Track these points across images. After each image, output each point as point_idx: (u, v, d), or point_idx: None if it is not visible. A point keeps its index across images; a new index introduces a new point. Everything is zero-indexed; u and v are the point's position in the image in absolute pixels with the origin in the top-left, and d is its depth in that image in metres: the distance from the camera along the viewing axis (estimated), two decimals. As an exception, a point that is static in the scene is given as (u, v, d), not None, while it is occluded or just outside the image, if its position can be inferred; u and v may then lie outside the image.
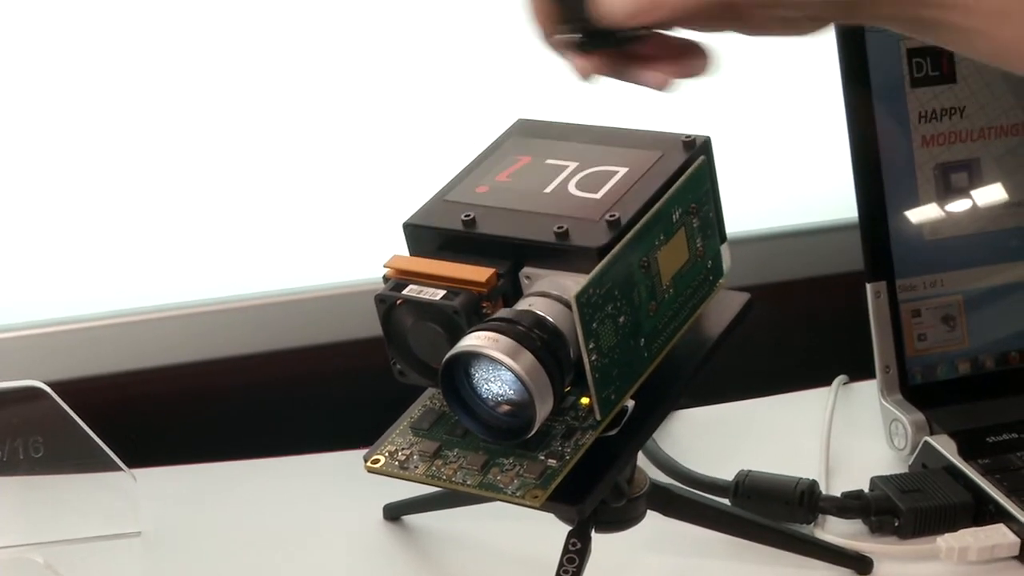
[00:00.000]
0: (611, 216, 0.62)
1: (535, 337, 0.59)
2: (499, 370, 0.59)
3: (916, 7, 0.58)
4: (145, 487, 0.79)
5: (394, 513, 0.80)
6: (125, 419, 0.86)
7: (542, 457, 0.62)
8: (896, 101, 0.84)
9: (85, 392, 0.84)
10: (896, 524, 0.76)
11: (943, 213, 0.85)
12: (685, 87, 0.61)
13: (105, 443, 0.77)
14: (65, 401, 0.77)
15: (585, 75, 0.61)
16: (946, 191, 0.85)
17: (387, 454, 0.64)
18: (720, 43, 0.61)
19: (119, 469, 0.77)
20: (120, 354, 0.90)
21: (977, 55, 0.60)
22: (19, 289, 0.91)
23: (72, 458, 0.77)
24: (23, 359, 0.89)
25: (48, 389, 0.77)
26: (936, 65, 0.85)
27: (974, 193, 0.86)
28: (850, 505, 0.77)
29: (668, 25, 0.59)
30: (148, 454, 0.82)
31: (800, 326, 0.98)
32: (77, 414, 0.77)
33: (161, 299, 0.92)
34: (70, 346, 0.90)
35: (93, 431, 0.77)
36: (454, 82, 0.93)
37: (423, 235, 0.64)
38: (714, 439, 0.87)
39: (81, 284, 0.91)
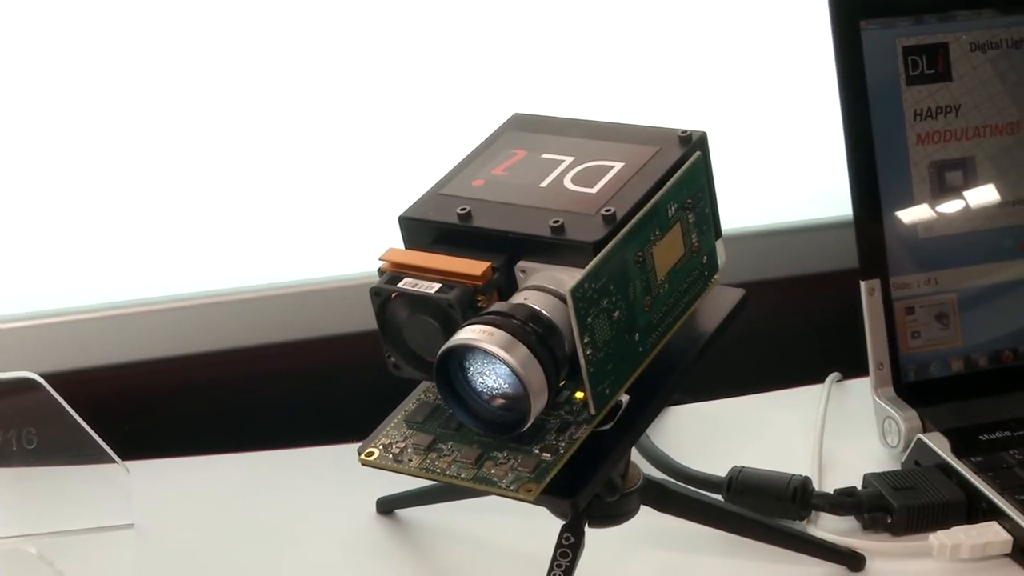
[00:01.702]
0: (607, 211, 0.62)
1: (530, 331, 0.59)
2: (494, 363, 0.59)
3: None
4: (138, 479, 0.79)
5: (387, 507, 0.80)
6: (118, 411, 0.86)
7: (536, 451, 0.62)
8: (891, 99, 0.84)
9: (79, 384, 0.84)
10: (889, 521, 0.76)
11: (937, 211, 0.85)
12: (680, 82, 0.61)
13: (98, 435, 0.77)
14: (59, 393, 0.77)
15: None
16: (940, 189, 0.85)
17: (381, 447, 0.64)
18: (718, 37, 0.61)
19: (112, 461, 0.77)
20: (114, 346, 0.90)
21: None
22: (13, 280, 0.91)
23: (65, 450, 0.77)
24: (17, 350, 0.89)
25: (42, 380, 0.77)
26: (932, 63, 0.85)
27: (968, 192, 0.86)
28: (843, 502, 0.77)
29: None
30: (141, 446, 0.82)
31: (794, 322, 0.98)
32: (71, 406, 0.77)
33: (155, 291, 0.92)
34: (64, 338, 0.90)
35: (86, 423, 0.77)
36: (450, 76, 0.93)
37: (418, 228, 0.64)
38: (707, 435, 0.87)
39: (75, 276, 0.91)
